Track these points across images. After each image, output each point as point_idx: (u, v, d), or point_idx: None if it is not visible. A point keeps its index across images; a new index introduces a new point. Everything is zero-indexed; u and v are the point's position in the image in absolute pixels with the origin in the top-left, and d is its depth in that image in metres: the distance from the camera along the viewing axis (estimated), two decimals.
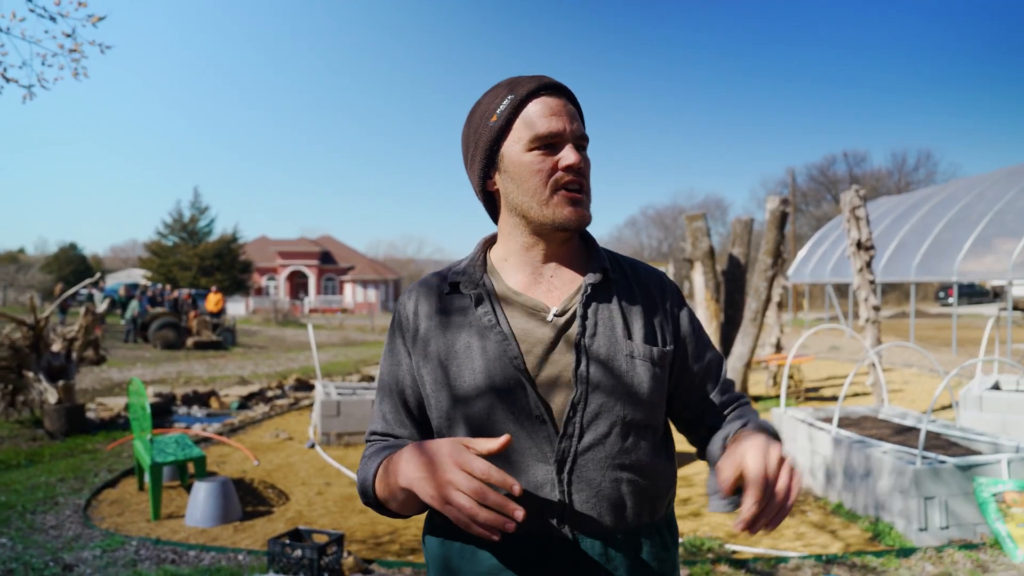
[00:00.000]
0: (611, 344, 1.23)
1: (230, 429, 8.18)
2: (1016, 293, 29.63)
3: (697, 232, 10.85)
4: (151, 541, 4.46)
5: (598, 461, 1.21)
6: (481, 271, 1.31)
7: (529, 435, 1.20)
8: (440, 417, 1.26)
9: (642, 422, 1.25)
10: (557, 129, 1.22)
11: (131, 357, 16.38)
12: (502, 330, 1.23)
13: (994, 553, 4.26)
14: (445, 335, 1.26)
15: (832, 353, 17.06)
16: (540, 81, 1.25)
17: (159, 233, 44.79)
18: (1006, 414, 7.34)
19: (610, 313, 1.26)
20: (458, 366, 1.23)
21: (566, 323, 1.24)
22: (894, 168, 53.20)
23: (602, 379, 1.21)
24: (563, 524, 1.19)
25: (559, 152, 1.23)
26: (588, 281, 1.26)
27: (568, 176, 1.22)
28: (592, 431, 1.21)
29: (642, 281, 1.34)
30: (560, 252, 1.31)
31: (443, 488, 1.04)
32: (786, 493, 1.05)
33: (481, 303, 1.26)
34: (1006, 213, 15.29)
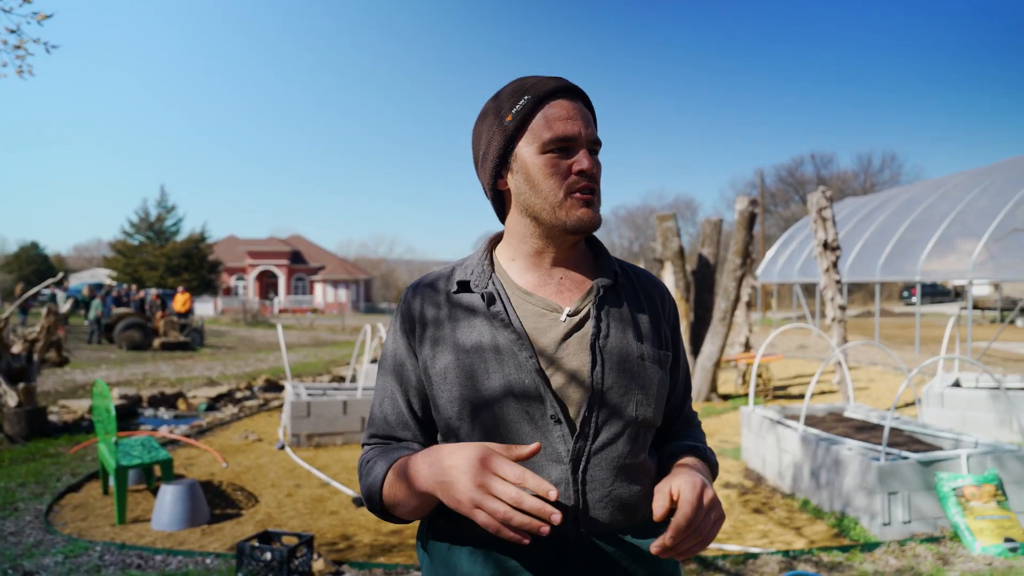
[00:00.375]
0: (624, 346, 1.25)
1: (198, 431, 8.06)
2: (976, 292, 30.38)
3: (667, 232, 10.95)
4: (116, 546, 4.38)
5: (610, 461, 1.22)
6: (490, 270, 1.30)
7: (544, 435, 1.20)
8: (449, 417, 1.24)
9: (650, 423, 1.28)
10: (572, 133, 1.22)
11: (96, 358, 16.06)
12: (515, 329, 1.22)
13: (953, 545, 4.36)
14: (456, 334, 1.25)
15: (800, 352, 17.32)
16: (558, 83, 1.25)
17: (124, 232, 44.01)
18: (966, 411, 7.53)
19: (621, 316, 1.28)
20: (470, 366, 1.22)
21: (578, 324, 1.24)
22: (860, 170, 54.22)
23: (616, 380, 1.22)
24: (577, 524, 1.19)
25: (573, 156, 1.23)
26: (600, 283, 1.28)
27: (582, 181, 1.23)
28: (606, 431, 1.22)
29: (645, 287, 1.37)
30: (569, 254, 1.31)
31: (474, 493, 1.03)
32: (706, 535, 1.11)
33: (493, 302, 1.25)
34: (967, 214, 15.66)
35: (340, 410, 7.48)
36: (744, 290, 11.95)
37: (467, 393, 1.21)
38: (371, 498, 1.24)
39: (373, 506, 1.25)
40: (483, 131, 1.29)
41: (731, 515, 5.17)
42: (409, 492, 1.16)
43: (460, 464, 1.07)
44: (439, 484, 1.09)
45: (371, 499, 1.24)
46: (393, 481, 1.19)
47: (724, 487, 5.86)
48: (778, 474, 5.86)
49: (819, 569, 4.08)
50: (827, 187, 9.70)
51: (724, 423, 8.70)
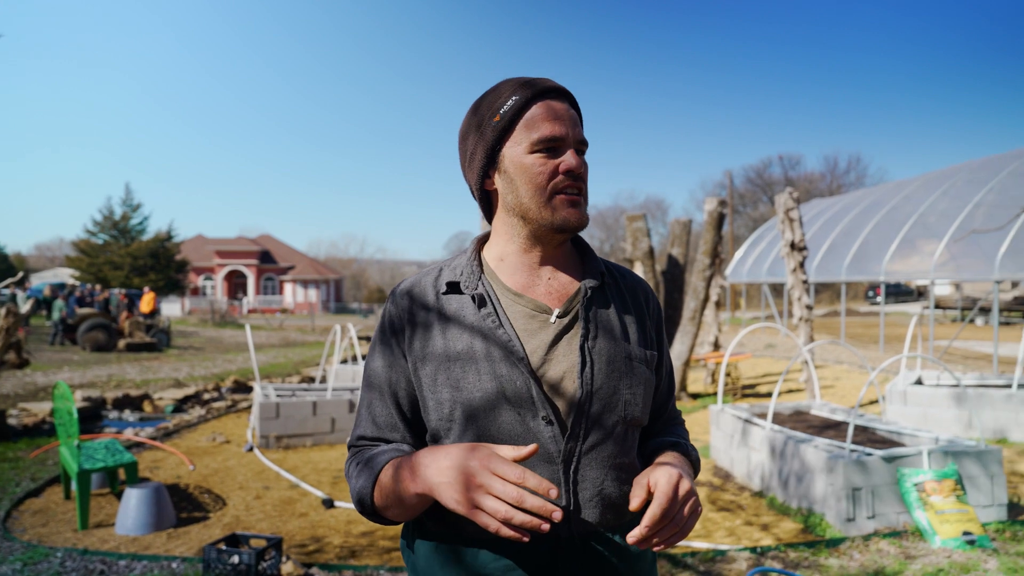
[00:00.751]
0: (612, 346, 1.27)
1: (164, 433, 7.92)
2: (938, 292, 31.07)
3: (637, 232, 11.03)
4: (78, 552, 4.29)
5: (600, 461, 1.24)
6: (479, 271, 1.30)
7: (535, 436, 1.21)
8: (440, 419, 1.24)
9: (637, 422, 1.30)
10: (560, 133, 1.23)
11: (58, 360, 15.71)
12: (506, 331, 1.23)
13: (915, 540, 4.46)
14: (445, 336, 1.25)
15: (768, 351, 17.56)
16: (546, 84, 1.26)
17: (88, 231, 43.12)
18: (928, 407, 7.70)
19: (608, 316, 1.30)
20: (462, 367, 1.22)
21: (567, 325, 1.26)
22: (826, 171, 55.07)
23: (605, 381, 1.24)
24: (568, 523, 1.21)
25: (560, 156, 1.24)
26: (588, 284, 1.29)
27: (568, 180, 1.23)
28: (596, 431, 1.23)
29: (631, 287, 1.38)
30: (556, 254, 1.32)
31: (475, 492, 1.04)
32: (681, 527, 1.13)
33: (484, 304, 1.25)
34: (928, 215, 16.01)
35: (310, 411, 7.41)
36: (713, 290, 12.08)
37: (457, 395, 1.22)
38: (362, 500, 1.24)
39: (364, 508, 1.25)
40: (470, 131, 1.30)
41: (702, 512, 5.21)
42: (403, 494, 1.16)
43: (458, 465, 1.07)
44: (436, 485, 1.09)
45: (362, 501, 1.24)
46: (385, 483, 1.19)
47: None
48: (746, 472, 5.94)
49: (786, 565, 4.14)
50: (794, 188, 9.85)
51: (693, 422, 8.79)
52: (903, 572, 4.00)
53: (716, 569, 4.08)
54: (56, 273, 46.87)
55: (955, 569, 4.02)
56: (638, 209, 54.20)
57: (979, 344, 17.34)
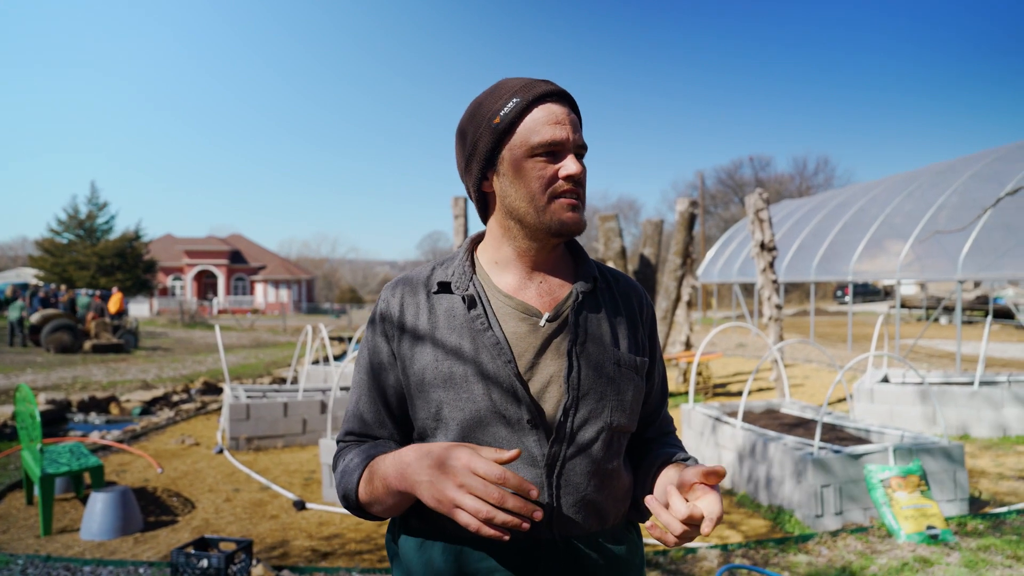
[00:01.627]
0: (600, 352, 1.26)
1: (131, 436, 7.79)
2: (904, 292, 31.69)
3: (609, 232, 11.09)
4: (40, 558, 4.19)
5: (584, 466, 1.23)
6: (471, 272, 1.30)
7: (520, 438, 1.21)
8: (427, 418, 1.25)
9: (625, 428, 1.29)
10: (561, 138, 1.22)
11: (20, 362, 15.36)
12: (495, 333, 1.23)
13: (881, 534, 4.54)
14: (435, 335, 1.25)
15: (739, 350, 17.76)
16: (547, 87, 1.24)
17: (52, 230, 42.18)
18: (894, 405, 7.85)
19: (599, 321, 1.29)
20: (449, 367, 1.22)
21: (557, 329, 1.25)
22: (796, 172, 55.91)
23: (592, 386, 1.24)
24: (550, 527, 1.21)
25: (560, 160, 1.23)
26: (580, 289, 1.29)
27: (567, 185, 1.23)
28: (581, 436, 1.23)
29: (624, 292, 1.38)
30: (550, 258, 1.31)
31: (455, 492, 1.05)
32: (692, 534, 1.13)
33: (474, 305, 1.25)
34: (895, 216, 16.32)
35: (280, 412, 7.34)
36: (685, 290, 12.19)
37: (444, 395, 1.22)
38: (347, 496, 1.25)
39: (349, 504, 1.26)
40: (469, 132, 1.29)
41: None
42: (386, 491, 1.16)
43: (439, 465, 1.08)
44: (417, 484, 1.10)
45: (347, 497, 1.25)
46: (370, 479, 1.20)
47: None
48: None
49: (755, 562, 4.19)
50: (764, 189, 9.98)
51: None
52: (868, 567, 4.07)
53: (686, 567, 4.12)
54: (19, 273, 45.76)
55: (918, 563, 4.10)
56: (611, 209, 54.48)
57: (943, 343, 17.72)
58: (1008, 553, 4.20)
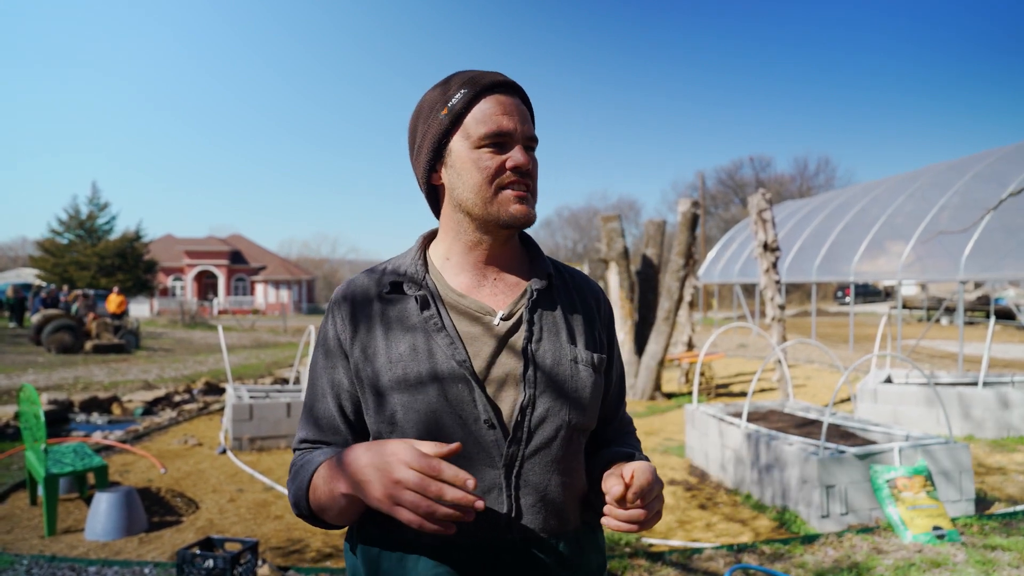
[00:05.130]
0: (556, 349, 1.24)
1: (134, 436, 7.78)
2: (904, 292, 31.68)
3: (612, 233, 11.09)
4: (45, 559, 4.18)
5: (544, 465, 1.22)
6: (423, 271, 1.27)
7: (477, 439, 1.19)
8: (382, 422, 1.21)
9: (583, 426, 1.27)
10: (508, 128, 1.20)
11: (22, 362, 15.34)
12: (448, 334, 1.20)
13: (887, 535, 4.53)
14: (388, 337, 1.22)
15: (740, 351, 17.76)
16: (494, 78, 1.23)
17: (53, 231, 42.17)
18: (897, 405, 7.84)
19: (554, 319, 1.27)
20: (404, 369, 1.19)
21: (512, 327, 1.23)
22: (796, 173, 55.90)
23: (548, 384, 1.22)
24: (510, 528, 1.19)
25: (508, 151, 1.21)
26: (534, 286, 1.27)
27: (515, 176, 1.21)
28: (539, 435, 1.21)
29: (581, 289, 1.36)
30: (503, 253, 1.29)
31: (394, 488, 1.02)
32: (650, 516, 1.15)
33: (427, 306, 1.23)
34: (896, 217, 16.32)
35: (283, 412, 7.33)
36: (687, 290, 12.18)
37: (400, 398, 1.19)
38: (298, 504, 1.21)
39: (301, 512, 1.22)
40: (419, 124, 1.28)
41: (677, 510, 5.26)
42: (332, 495, 1.13)
43: (376, 462, 1.05)
44: (358, 484, 1.07)
45: (297, 505, 1.21)
46: (318, 485, 1.17)
47: (670, 483, 5.96)
48: (721, 470, 5.99)
49: (761, 561, 4.19)
50: (766, 190, 9.97)
51: (668, 421, 8.85)
52: (875, 567, 4.07)
53: (693, 565, 4.11)
54: (19, 273, 45.76)
55: (925, 563, 4.09)
56: (611, 209, 54.45)
57: (944, 343, 17.71)
58: (1016, 554, 4.20)
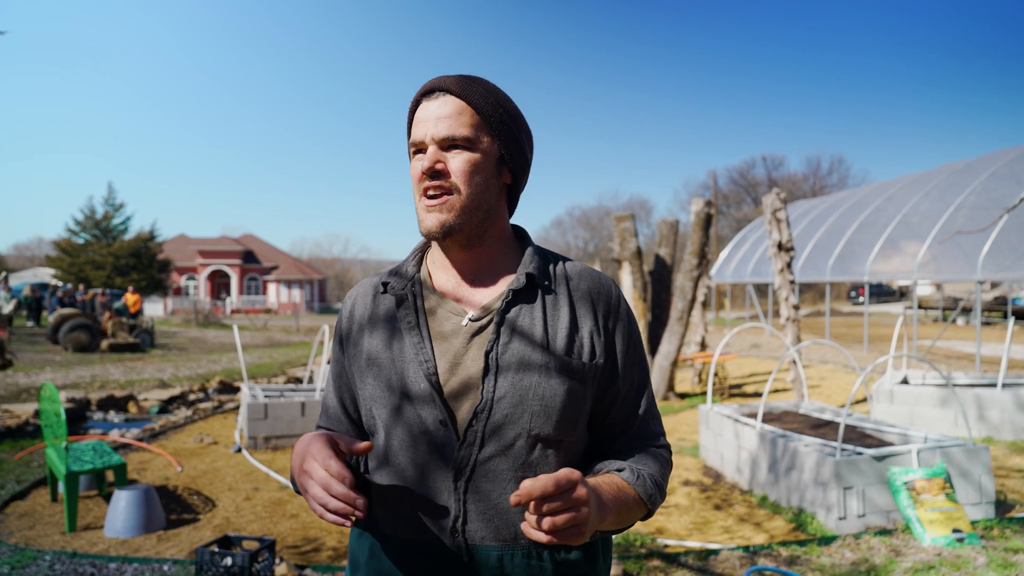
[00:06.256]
0: (525, 354, 1.19)
1: (151, 435, 7.84)
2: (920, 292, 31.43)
3: (625, 233, 11.07)
4: (66, 555, 4.23)
5: (499, 473, 1.18)
6: (414, 271, 1.30)
7: (432, 441, 1.19)
8: (367, 415, 1.28)
9: (552, 437, 1.20)
10: (419, 136, 1.22)
11: (40, 361, 15.50)
12: (420, 333, 1.22)
13: (905, 537, 4.50)
14: (372, 335, 1.27)
15: (753, 351, 17.67)
16: (426, 85, 1.24)
17: (69, 231, 42.57)
18: (914, 406, 7.78)
19: (531, 321, 1.22)
20: (378, 367, 1.24)
21: (481, 329, 1.22)
22: (809, 172, 55.61)
23: (509, 389, 1.17)
24: (456, 533, 1.17)
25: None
26: (511, 287, 1.23)
27: (426, 182, 1.20)
28: (494, 442, 1.18)
29: (580, 288, 1.29)
30: (484, 254, 1.27)
31: (302, 478, 1.10)
32: (556, 517, 1.01)
33: (403, 304, 1.26)
34: (911, 216, 16.19)
35: (298, 412, 7.37)
36: (700, 290, 12.14)
37: (375, 392, 1.24)
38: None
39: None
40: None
41: (692, 511, 5.25)
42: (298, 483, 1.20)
43: (298, 453, 1.15)
44: (294, 470, 1.16)
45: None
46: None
47: (684, 484, 5.94)
48: (736, 471, 5.97)
49: (777, 563, 4.17)
50: (779, 189, 9.92)
51: (681, 421, 8.83)
52: (893, 570, 4.04)
53: (709, 567, 4.10)
54: (36, 273, 46.23)
55: (945, 566, 4.06)
56: (622, 209, 54.38)
57: (961, 344, 17.56)
58: None
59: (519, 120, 1.28)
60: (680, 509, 5.30)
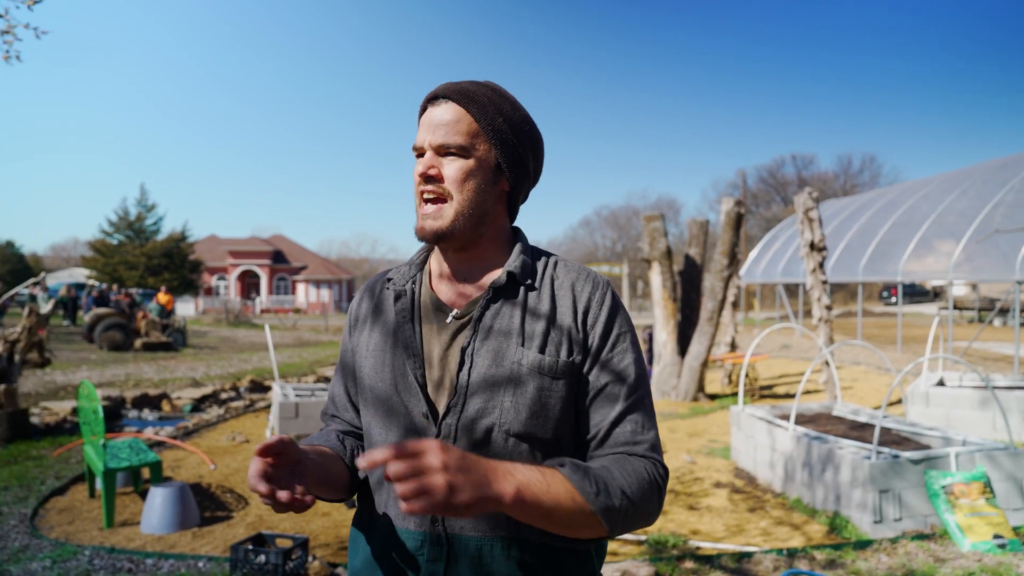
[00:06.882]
0: (499, 351, 1.22)
1: (184, 432, 7.96)
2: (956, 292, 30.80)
3: (654, 232, 11.00)
4: (105, 550, 4.31)
5: None
6: (416, 269, 1.37)
7: (416, 432, 1.25)
8: (364, 404, 1.35)
9: (525, 434, 1.21)
10: (418, 141, 1.27)
11: (76, 359, 15.83)
12: (412, 327, 1.29)
13: (944, 543, 4.41)
14: (372, 328, 1.35)
15: (783, 352, 17.46)
16: (430, 93, 1.30)
17: (104, 231, 43.42)
18: (950, 408, 7.62)
19: (510, 318, 1.25)
20: (373, 360, 1.31)
21: (463, 326, 1.27)
22: (840, 171, 54.71)
23: (481, 385, 1.21)
24: (437, 522, 1.22)
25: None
26: (492, 284, 1.27)
27: (422, 186, 1.26)
28: (467, 437, 1.21)
29: (564, 285, 1.29)
30: (476, 254, 1.31)
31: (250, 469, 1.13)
32: (416, 479, 0.99)
33: (400, 299, 1.32)
34: (946, 215, 15.86)
35: None
36: (730, 290, 12.02)
37: (371, 383, 1.31)
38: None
39: None
40: None
41: (725, 514, 5.19)
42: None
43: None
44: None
45: None
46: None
47: (716, 487, 5.88)
48: (769, 473, 5.90)
49: (813, 567, 4.11)
50: (810, 188, 9.78)
51: (712, 422, 8.75)
52: (934, 575, 3.96)
53: (743, 569, 4.05)
54: (71, 273, 47.23)
55: (987, 573, 3.97)
56: (651, 209, 53.97)
57: (998, 345, 17.17)
58: None
59: (522, 130, 1.30)
60: (713, 511, 5.25)
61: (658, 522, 4.97)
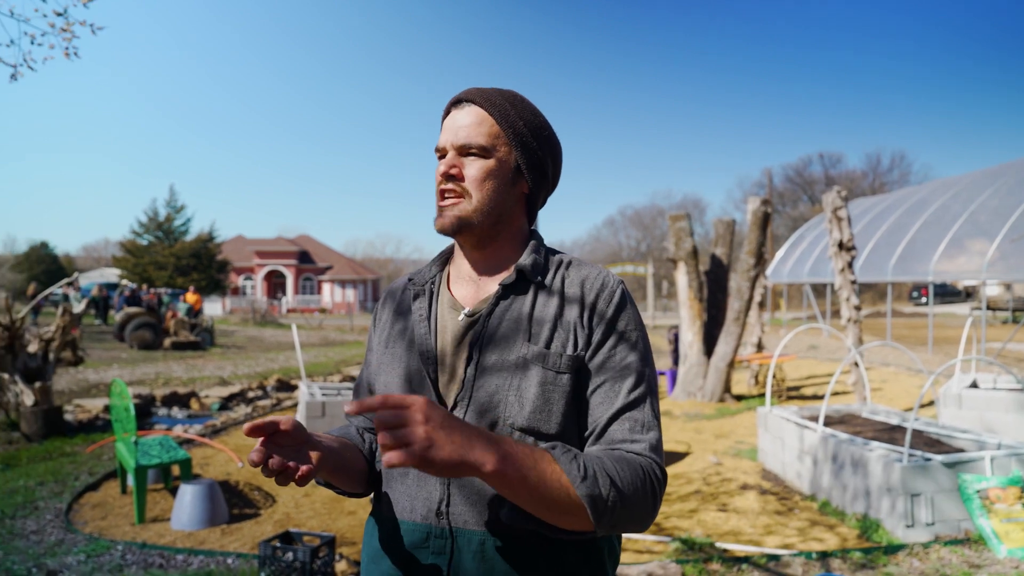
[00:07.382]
0: (506, 346, 1.26)
1: (212, 431, 8.07)
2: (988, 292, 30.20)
3: (680, 232, 10.93)
4: (137, 545, 4.38)
5: None
6: (437, 269, 1.42)
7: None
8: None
9: (530, 428, 1.21)
10: (441, 142, 1.32)
11: (107, 358, 16.11)
12: (428, 324, 1.33)
13: (979, 548, 4.32)
14: (394, 325, 1.40)
15: (811, 352, 17.25)
16: (453, 97, 1.35)
17: (134, 232, 44.17)
18: (984, 411, 7.47)
19: (518, 314, 1.28)
20: (392, 354, 1.36)
21: (472, 323, 1.30)
22: (869, 169, 53.94)
23: (487, 380, 1.25)
24: (442, 515, 1.24)
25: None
26: (502, 282, 1.31)
27: (442, 184, 1.30)
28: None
29: (574, 282, 1.30)
30: (490, 253, 1.35)
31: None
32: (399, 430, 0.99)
33: (419, 297, 1.37)
34: (979, 214, 15.55)
35: None
36: (757, 290, 11.91)
37: (388, 379, 1.35)
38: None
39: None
40: None
41: (752, 515, 5.14)
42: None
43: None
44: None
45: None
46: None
47: (743, 488, 5.83)
48: (797, 475, 5.83)
49: (842, 570, 4.05)
50: (840, 188, 9.64)
51: (738, 423, 8.67)
52: None
53: (773, 571, 4.01)
54: (103, 273, 48.09)
55: None
56: (675, 208, 53.65)
57: None
58: None
59: (542, 135, 1.34)
60: (740, 513, 5.20)
61: (687, 523, 4.94)
